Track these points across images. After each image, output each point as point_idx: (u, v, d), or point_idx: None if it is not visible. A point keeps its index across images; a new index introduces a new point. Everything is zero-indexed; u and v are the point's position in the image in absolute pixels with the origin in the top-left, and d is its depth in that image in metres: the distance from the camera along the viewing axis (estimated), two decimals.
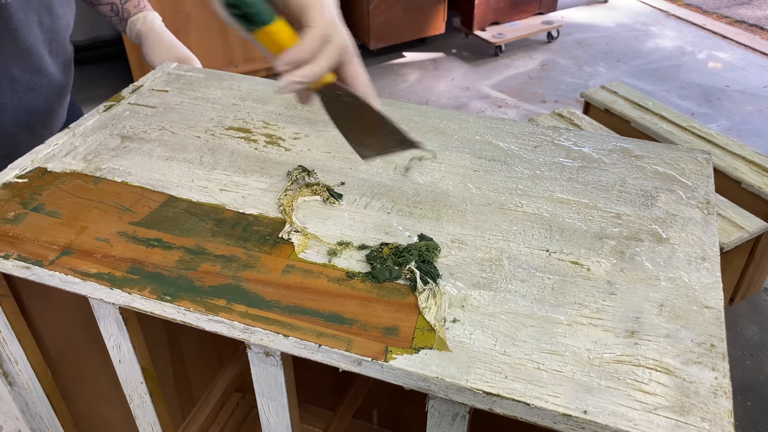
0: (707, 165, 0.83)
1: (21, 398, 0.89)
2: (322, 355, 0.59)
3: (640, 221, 0.73)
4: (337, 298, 0.63)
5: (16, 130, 1.01)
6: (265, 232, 0.72)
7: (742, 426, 1.66)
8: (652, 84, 3.38)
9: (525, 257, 0.68)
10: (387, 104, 0.96)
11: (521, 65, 3.59)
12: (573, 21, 4.11)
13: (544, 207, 0.75)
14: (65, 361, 0.91)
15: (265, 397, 0.69)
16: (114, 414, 1.03)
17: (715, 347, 0.58)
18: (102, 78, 2.42)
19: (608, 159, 0.84)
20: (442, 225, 0.72)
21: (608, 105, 2.42)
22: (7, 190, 0.78)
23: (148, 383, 0.78)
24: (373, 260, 0.67)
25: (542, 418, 0.53)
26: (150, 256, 0.68)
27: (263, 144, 0.87)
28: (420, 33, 3.61)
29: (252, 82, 1.02)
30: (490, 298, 0.63)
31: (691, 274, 0.66)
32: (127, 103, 0.96)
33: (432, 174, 0.81)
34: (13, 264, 0.68)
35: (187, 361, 1.15)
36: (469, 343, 0.58)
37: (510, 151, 0.85)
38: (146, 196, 0.77)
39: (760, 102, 3.21)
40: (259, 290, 0.64)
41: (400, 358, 0.57)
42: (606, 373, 0.55)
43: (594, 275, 0.66)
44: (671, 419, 0.52)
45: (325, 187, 0.77)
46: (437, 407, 0.59)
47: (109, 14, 1.14)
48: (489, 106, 3.20)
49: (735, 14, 4.26)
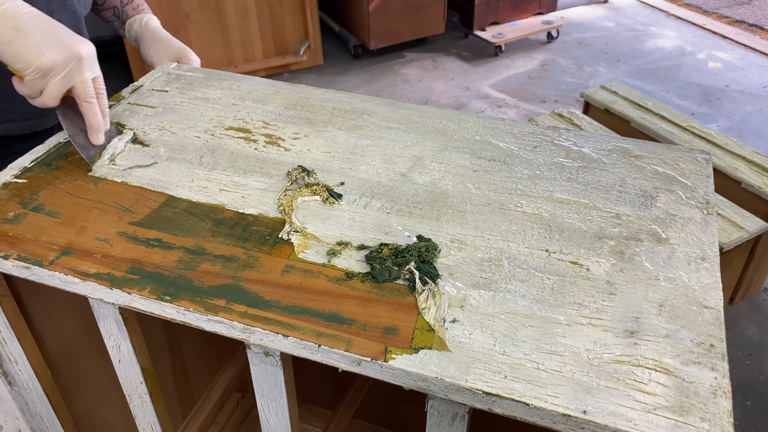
0: (707, 165, 0.83)
1: (21, 398, 0.89)
2: (321, 355, 0.59)
3: (640, 221, 0.73)
4: (337, 298, 0.63)
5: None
6: (264, 232, 0.72)
7: (741, 426, 1.66)
8: (652, 84, 3.38)
9: (524, 257, 0.68)
10: (387, 104, 0.96)
11: (521, 65, 3.59)
12: (573, 21, 4.11)
13: (544, 207, 0.75)
14: (65, 361, 0.91)
15: (264, 397, 0.69)
16: (114, 414, 1.03)
17: (714, 347, 0.58)
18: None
19: (608, 159, 0.84)
20: (441, 225, 0.72)
21: (608, 105, 2.42)
22: (7, 190, 0.78)
23: (148, 383, 0.78)
24: (372, 260, 0.67)
25: (542, 418, 0.53)
26: (150, 256, 0.68)
27: (263, 144, 0.87)
28: (420, 33, 3.61)
29: (252, 82, 1.02)
30: (490, 298, 0.63)
31: (690, 274, 0.66)
32: (127, 103, 0.96)
33: (431, 174, 0.81)
34: (13, 264, 0.68)
35: (186, 361, 1.15)
36: (468, 343, 0.58)
37: (510, 151, 0.85)
38: (146, 196, 0.77)
39: (760, 102, 3.21)
40: (258, 290, 0.64)
41: (399, 358, 0.57)
42: (605, 373, 0.55)
43: (593, 275, 0.66)
44: (671, 419, 0.52)
45: (324, 187, 0.78)
46: (437, 407, 0.59)
47: (111, 19, 1.14)
48: (489, 106, 3.20)
49: (735, 14, 4.26)
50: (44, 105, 0.80)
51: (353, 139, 0.88)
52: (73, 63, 0.78)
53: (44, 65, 0.76)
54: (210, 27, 3.13)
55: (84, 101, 0.81)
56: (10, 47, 0.76)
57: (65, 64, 0.77)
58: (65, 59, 0.77)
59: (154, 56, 1.10)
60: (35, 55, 0.76)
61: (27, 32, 0.76)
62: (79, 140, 0.84)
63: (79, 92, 0.80)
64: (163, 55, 1.09)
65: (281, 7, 3.23)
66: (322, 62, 3.50)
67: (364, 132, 0.90)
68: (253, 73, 3.22)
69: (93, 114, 0.82)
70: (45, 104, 0.80)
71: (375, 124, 0.91)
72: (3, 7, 0.76)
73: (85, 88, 0.80)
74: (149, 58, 1.11)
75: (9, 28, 0.76)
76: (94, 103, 0.81)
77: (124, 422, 1.04)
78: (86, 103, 0.81)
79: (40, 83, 0.77)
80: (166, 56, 1.09)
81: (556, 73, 3.51)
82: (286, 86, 1.01)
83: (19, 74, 0.79)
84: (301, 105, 0.96)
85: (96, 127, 0.82)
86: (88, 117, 0.82)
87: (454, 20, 3.93)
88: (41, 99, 0.79)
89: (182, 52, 1.10)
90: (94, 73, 0.81)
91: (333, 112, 0.94)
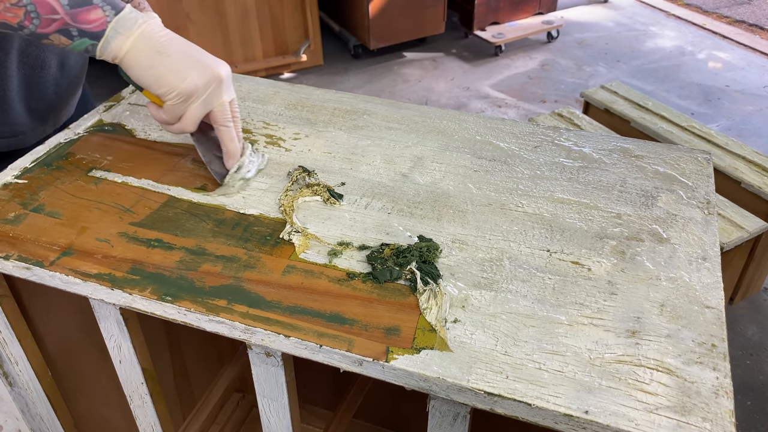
0: (707, 165, 0.83)
1: (21, 399, 0.89)
2: (323, 356, 0.59)
3: (641, 221, 0.73)
4: (338, 299, 0.63)
5: (20, 109, 0.99)
6: (265, 232, 0.72)
7: (742, 426, 1.66)
8: (652, 84, 3.37)
9: (526, 257, 0.68)
10: (387, 104, 0.96)
11: (521, 65, 3.59)
12: (573, 21, 4.11)
13: (545, 207, 0.75)
14: (65, 362, 0.91)
15: (265, 397, 0.69)
16: (114, 414, 1.03)
17: (716, 347, 0.58)
18: (102, 78, 2.42)
19: (608, 159, 0.84)
20: (442, 225, 0.72)
21: (608, 105, 2.42)
22: (8, 190, 0.78)
23: (149, 384, 0.78)
24: (373, 261, 0.67)
25: (543, 419, 0.53)
26: (151, 257, 0.68)
27: (263, 144, 0.87)
28: (420, 33, 3.61)
29: (252, 82, 1.02)
30: (491, 299, 0.63)
31: (691, 273, 0.66)
32: (127, 103, 0.96)
33: (432, 174, 0.81)
34: (13, 264, 0.68)
35: (187, 361, 1.15)
36: (470, 344, 0.58)
37: (510, 151, 0.85)
38: (146, 197, 0.77)
39: (760, 102, 3.21)
40: (259, 291, 0.64)
41: (401, 358, 0.57)
42: (607, 373, 0.55)
43: (595, 275, 0.66)
44: (672, 419, 0.52)
45: (325, 188, 0.77)
46: (438, 407, 0.59)
47: None
48: (489, 106, 3.20)
49: (735, 14, 4.25)
50: (182, 131, 0.76)
51: (354, 140, 0.88)
52: (213, 86, 0.73)
53: (187, 89, 0.71)
54: (210, 27, 3.13)
55: (222, 125, 0.76)
56: (152, 72, 0.71)
57: (206, 87, 0.73)
58: (206, 82, 0.73)
59: None
60: (178, 78, 0.71)
61: (168, 55, 0.71)
62: (215, 167, 0.79)
63: (217, 116, 0.75)
64: None
65: (281, 7, 3.23)
66: (322, 62, 3.49)
67: (365, 132, 0.89)
68: (253, 73, 3.21)
69: (230, 139, 0.77)
70: (183, 130, 0.75)
71: (375, 125, 0.91)
72: (141, 28, 0.71)
73: (224, 112, 0.75)
74: None
75: (151, 51, 0.71)
76: (231, 127, 0.77)
77: (124, 423, 1.04)
78: (224, 127, 0.76)
79: (181, 108, 0.73)
80: None
81: (556, 73, 3.51)
82: (286, 86, 1.01)
83: (158, 100, 0.74)
84: (301, 105, 0.96)
85: (234, 153, 0.77)
86: (225, 142, 0.77)
87: (454, 20, 3.92)
88: (180, 125, 0.75)
89: None
90: (231, 96, 0.76)
91: (333, 112, 0.94)
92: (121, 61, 0.72)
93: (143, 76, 0.72)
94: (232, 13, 3.14)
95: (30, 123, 0.99)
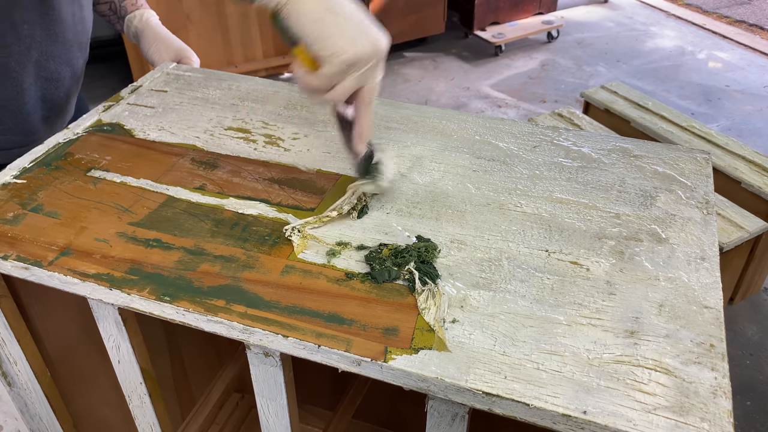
0: (707, 165, 0.83)
1: (20, 399, 0.89)
2: (321, 356, 0.59)
3: (640, 221, 0.73)
4: (337, 299, 0.63)
5: (36, 119, 1.00)
6: (264, 232, 0.72)
7: (741, 426, 1.66)
8: (652, 84, 3.37)
9: (524, 257, 0.68)
10: (387, 104, 0.96)
11: (521, 65, 3.59)
12: (573, 21, 4.11)
13: (544, 207, 0.75)
14: (64, 362, 0.91)
15: (264, 397, 0.69)
16: (113, 414, 1.03)
17: (714, 347, 0.58)
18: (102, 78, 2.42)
19: (608, 159, 0.84)
20: (441, 225, 0.72)
21: (608, 105, 2.42)
22: (6, 190, 0.78)
23: (148, 384, 0.78)
24: (372, 261, 0.67)
25: (542, 419, 0.53)
26: (149, 257, 0.68)
27: (262, 144, 0.87)
28: (420, 33, 3.61)
29: (251, 83, 1.02)
30: (490, 299, 0.63)
31: (690, 274, 0.66)
32: (126, 103, 0.96)
33: (431, 174, 0.81)
34: (12, 265, 0.68)
35: (186, 361, 1.15)
36: (468, 344, 0.58)
37: (509, 151, 0.85)
38: (145, 197, 0.77)
39: (760, 102, 3.21)
40: (258, 291, 0.64)
41: (399, 358, 0.57)
42: (605, 374, 0.55)
43: (593, 275, 0.65)
44: (671, 419, 0.52)
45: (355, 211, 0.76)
46: (437, 407, 0.59)
47: (107, 13, 1.14)
48: (489, 106, 3.20)
49: (735, 14, 4.25)
50: (331, 101, 0.67)
51: None
52: (375, 59, 0.65)
53: (355, 56, 0.63)
54: (210, 27, 3.13)
55: (365, 105, 0.69)
56: (317, 27, 0.63)
57: (369, 59, 0.65)
58: (372, 53, 0.64)
59: (155, 55, 1.10)
60: (348, 42, 0.63)
61: (338, 14, 0.63)
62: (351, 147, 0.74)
63: (365, 95, 0.68)
64: (164, 54, 1.10)
65: None
66: None
67: None
68: (253, 73, 3.21)
69: (370, 119, 0.71)
70: (333, 100, 0.67)
71: (375, 124, 0.91)
72: None
73: (373, 91, 0.69)
74: (150, 56, 1.11)
75: (319, 4, 0.63)
76: (372, 108, 0.71)
77: (123, 423, 1.04)
78: (366, 107, 0.70)
79: (339, 76, 0.65)
80: (167, 55, 1.09)
81: (556, 73, 3.50)
82: (285, 86, 1.01)
83: (311, 63, 0.65)
84: (300, 105, 0.96)
85: (367, 135, 0.72)
86: (363, 122, 0.70)
87: (454, 20, 3.92)
88: (330, 95, 0.66)
89: (183, 51, 1.10)
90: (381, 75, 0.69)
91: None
92: (285, 4, 0.64)
93: (306, 29, 0.63)
94: (232, 13, 3.14)
95: (44, 130, 1.01)
